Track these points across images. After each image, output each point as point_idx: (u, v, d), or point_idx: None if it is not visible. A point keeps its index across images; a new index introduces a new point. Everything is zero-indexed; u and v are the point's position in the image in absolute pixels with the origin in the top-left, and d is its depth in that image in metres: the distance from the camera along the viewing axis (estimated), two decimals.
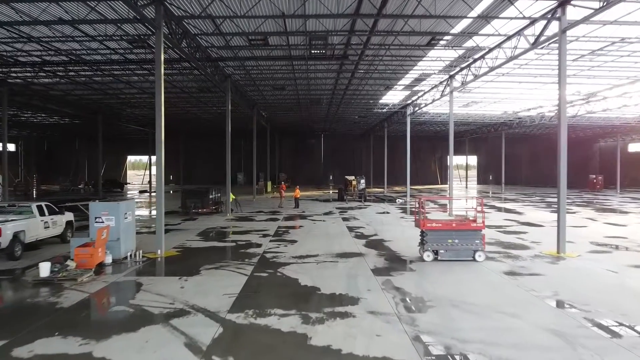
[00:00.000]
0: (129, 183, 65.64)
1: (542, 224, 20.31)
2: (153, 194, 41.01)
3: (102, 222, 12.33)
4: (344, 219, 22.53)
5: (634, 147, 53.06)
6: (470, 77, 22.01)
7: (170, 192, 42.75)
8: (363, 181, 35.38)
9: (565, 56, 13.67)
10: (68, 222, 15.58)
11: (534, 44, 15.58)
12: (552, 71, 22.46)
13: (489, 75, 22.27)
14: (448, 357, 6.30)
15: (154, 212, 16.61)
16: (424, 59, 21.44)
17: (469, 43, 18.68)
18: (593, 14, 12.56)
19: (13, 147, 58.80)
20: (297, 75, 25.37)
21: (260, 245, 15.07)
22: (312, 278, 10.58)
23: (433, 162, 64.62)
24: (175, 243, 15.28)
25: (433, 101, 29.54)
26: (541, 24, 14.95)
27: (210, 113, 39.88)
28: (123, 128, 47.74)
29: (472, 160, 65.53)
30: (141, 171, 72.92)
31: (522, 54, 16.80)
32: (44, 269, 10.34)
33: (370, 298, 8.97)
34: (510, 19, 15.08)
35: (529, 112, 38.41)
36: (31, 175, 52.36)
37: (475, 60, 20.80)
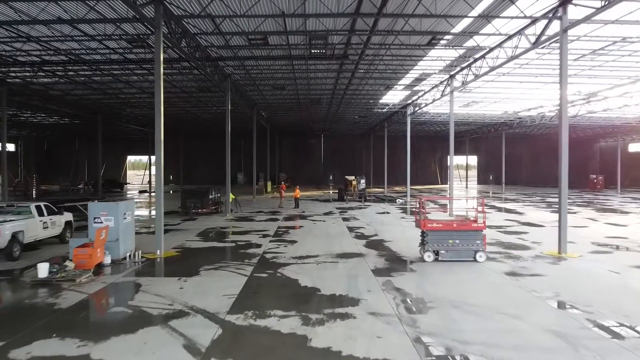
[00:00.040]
0: (129, 183, 65.59)
1: (543, 224, 20.24)
2: (153, 194, 40.94)
3: (101, 223, 12.28)
4: (344, 219, 22.47)
5: (635, 147, 53.01)
6: (470, 77, 21.94)
7: (170, 192, 42.71)
8: (363, 181, 35.27)
9: (566, 56, 13.61)
10: (67, 223, 15.51)
11: (535, 44, 15.52)
12: (553, 71, 22.43)
13: (490, 75, 22.23)
14: (449, 359, 6.25)
15: (154, 212, 16.56)
16: (425, 59, 21.38)
17: (470, 42, 18.62)
18: (594, 13, 12.50)
19: (13, 147, 58.81)
20: (297, 75, 25.31)
21: (260, 245, 15.01)
22: (312, 279, 10.53)
23: (433, 162, 64.56)
24: (174, 243, 15.23)
25: (433, 101, 29.48)
26: (542, 24, 14.89)
27: (210, 113, 39.84)
28: (123, 128, 47.70)
29: (472, 160, 65.46)
30: (141, 171, 72.90)
31: (523, 54, 16.75)
32: (43, 270, 10.28)
33: (370, 299, 8.91)
34: (511, 18, 15.02)
35: (530, 112, 38.35)
36: (31, 175, 52.36)
37: (475, 59, 20.74)
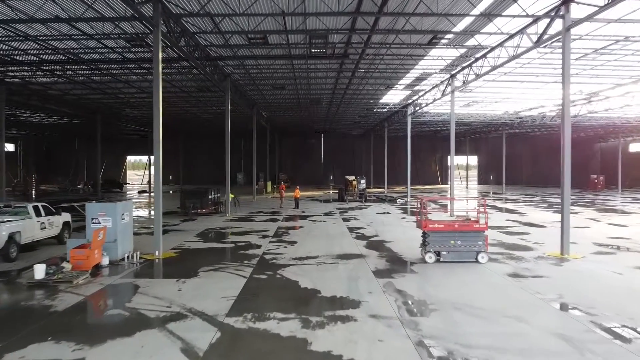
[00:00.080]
0: (129, 183, 65.43)
1: (545, 225, 20.11)
2: (152, 194, 40.79)
3: (99, 223, 12.15)
4: (345, 220, 22.34)
5: (635, 147, 52.84)
6: (471, 77, 21.79)
7: (169, 192, 42.57)
8: (363, 181, 35.12)
9: (569, 55, 13.47)
10: (65, 223, 15.38)
11: (537, 43, 15.38)
12: (555, 70, 22.28)
13: (491, 74, 22.08)
14: None
15: (153, 213, 16.45)
16: (425, 58, 21.23)
17: (471, 42, 18.47)
18: (597, 12, 12.37)
19: (12, 147, 58.70)
20: (297, 74, 25.16)
21: (259, 246, 14.88)
22: (313, 280, 10.40)
23: (433, 162, 64.43)
24: (173, 244, 15.09)
25: (434, 101, 29.33)
26: (544, 22, 14.75)
27: (209, 113, 39.70)
28: (122, 128, 47.56)
29: (473, 160, 65.30)
30: (141, 171, 72.76)
31: (525, 53, 16.59)
32: (39, 271, 10.15)
33: (371, 301, 8.78)
34: (513, 17, 14.88)
35: (530, 112, 38.18)
36: (30, 175, 52.19)
37: (477, 59, 20.59)
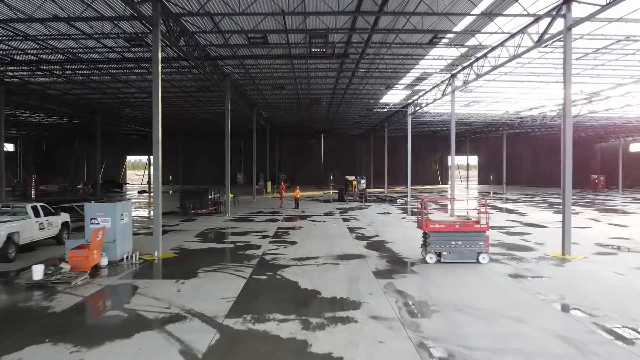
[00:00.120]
0: (129, 183, 65.39)
1: (545, 225, 20.05)
2: (152, 194, 40.74)
3: (98, 224, 12.09)
4: (345, 220, 22.27)
5: (636, 147, 52.77)
6: (472, 76, 21.72)
7: (169, 192, 42.53)
8: (363, 181, 35.03)
9: (570, 54, 13.39)
10: (64, 224, 15.31)
11: (538, 42, 15.31)
12: (556, 70, 22.22)
13: (491, 74, 22.00)
14: None
15: (152, 213, 16.41)
16: (426, 58, 21.17)
17: (472, 41, 18.41)
18: (599, 11, 12.29)
19: (12, 147, 58.64)
20: (297, 74, 25.10)
21: (259, 246, 14.81)
22: (313, 281, 10.33)
23: (434, 162, 64.37)
24: (173, 244, 15.03)
25: (434, 100, 29.26)
26: (545, 22, 14.68)
27: (209, 113, 39.64)
28: (122, 128, 47.50)
29: (473, 160, 65.23)
30: (141, 171, 72.70)
31: (526, 53, 16.52)
32: (37, 272, 10.08)
33: (372, 302, 8.71)
34: (514, 17, 14.82)
35: (531, 112, 38.10)
36: (30, 175, 52.13)
37: (477, 59, 20.52)
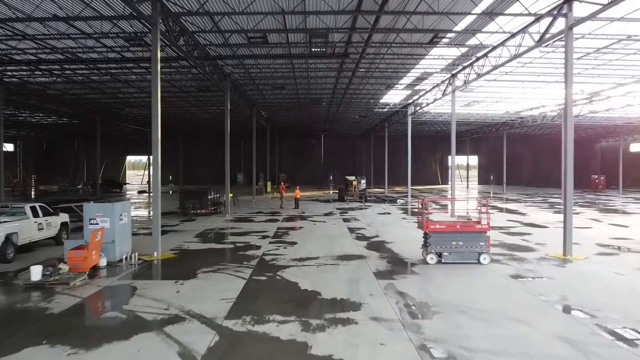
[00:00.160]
0: (128, 183, 65.33)
1: (546, 225, 19.98)
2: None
3: (97, 224, 12.02)
4: (345, 220, 22.20)
5: (636, 147, 52.70)
6: (472, 76, 21.65)
7: (169, 192, 42.46)
8: (364, 181, 34.94)
9: (571, 54, 13.33)
10: (63, 224, 15.24)
11: (539, 42, 15.23)
12: (556, 70, 22.15)
13: (492, 74, 21.91)
14: None
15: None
16: (426, 57, 21.10)
17: (472, 41, 18.33)
18: (600, 10, 12.22)
19: (11, 147, 58.58)
20: (297, 74, 25.03)
21: (259, 247, 14.74)
22: (313, 282, 10.26)
23: (434, 162, 64.31)
24: (172, 245, 14.96)
25: (435, 100, 29.19)
26: (547, 21, 14.61)
27: (209, 113, 39.57)
28: (122, 128, 47.45)
29: (473, 160, 65.12)
30: (141, 171, 72.61)
31: (527, 52, 16.46)
32: (36, 273, 10.01)
33: (372, 303, 8.65)
34: (515, 16, 14.74)
35: (531, 112, 38.03)
36: (29, 175, 52.07)
37: (478, 58, 20.44)
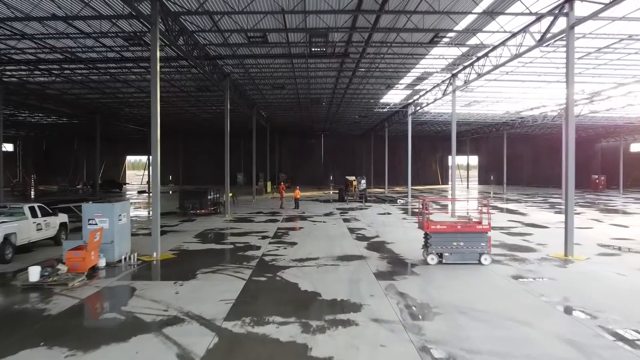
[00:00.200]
0: (128, 183, 65.25)
1: (547, 226, 19.91)
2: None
3: (96, 224, 11.96)
4: (345, 220, 22.13)
5: (636, 147, 52.64)
6: (473, 76, 21.58)
7: (169, 193, 42.39)
8: (364, 181, 34.87)
9: (573, 53, 13.27)
10: (62, 224, 15.15)
11: (540, 41, 15.17)
12: (557, 70, 22.08)
13: (492, 74, 21.83)
14: None
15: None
16: (427, 57, 21.03)
17: (473, 40, 18.27)
18: (602, 9, 12.16)
19: (11, 147, 58.53)
20: (297, 74, 24.96)
21: (259, 247, 14.68)
22: (313, 282, 10.19)
23: (434, 162, 64.24)
24: (171, 245, 14.89)
25: (435, 100, 29.13)
26: (548, 20, 14.54)
27: (209, 113, 39.51)
28: (122, 128, 47.38)
29: (473, 160, 65.05)
30: (141, 171, 72.53)
31: (527, 52, 16.40)
32: (34, 273, 9.93)
33: (373, 304, 8.58)
34: (516, 15, 14.66)
35: (532, 112, 37.97)
36: (29, 175, 51.99)
37: (478, 58, 20.37)
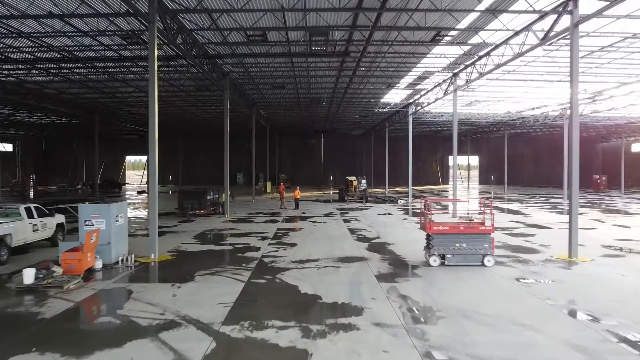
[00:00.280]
0: (128, 183, 65.05)
1: (549, 226, 19.71)
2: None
3: (92, 225, 11.76)
4: (345, 221, 21.93)
5: (638, 147, 52.42)
6: (475, 75, 21.37)
7: (169, 193, 42.18)
8: (364, 182, 34.64)
9: (577, 52, 13.08)
10: (59, 225, 14.97)
11: (544, 40, 14.95)
12: (560, 69, 21.88)
13: (494, 73, 21.58)
14: None
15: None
16: (428, 56, 20.81)
17: (475, 39, 18.05)
18: (607, 7, 11.98)
19: (10, 147, 58.31)
20: (297, 73, 24.75)
21: (258, 248, 14.48)
22: (313, 285, 10.00)
23: (434, 162, 64.02)
24: (170, 246, 14.70)
25: (436, 100, 28.92)
26: (551, 18, 14.33)
27: (208, 112, 39.30)
28: (121, 128, 47.17)
29: (474, 160, 64.85)
30: (140, 171, 72.31)
31: (530, 51, 16.20)
32: (28, 276, 9.74)
33: (375, 307, 8.38)
34: (519, 13, 14.45)
35: (533, 112, 37.76)
36: (28, 175, 51.78)
37: (480, 57, 20.15)
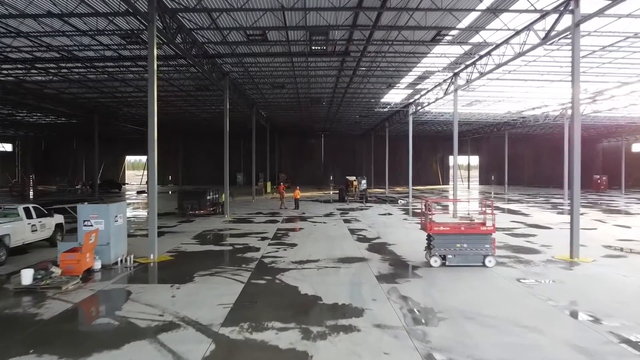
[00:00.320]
0: (128, 183, 64.98)
1: (550, 226, 19.64)
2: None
3: (91, 226, 11.69)
4: (345, 221, 21.86)
5: (638, 147, 52.34)
6: (475, 75, 21.30)
7: (168, 193, 42.11)
8: (364, 182, 34.56)
9: (578, 52, 13.01)
10: (58, 225, 14.91)
11: (545, 39, 14.87)
12: (560, 69, 21.81)
13: (495, 72, 21.48)
14: None
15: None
16: (428, 56, 20.73)
17: (476, 39, 17.98)
18: (608, 6, 11.93)
19: (10, 147, 58.24)
20: (297, 72, 24.68)
21: (258, 249, 14.41)
22: (313, 285, 9.93)
23: (434, 162, 63.95)
24: (169, 247, 14.63)
25: (436, 100, 28.85)
26: (553, 18, 14.25)
27: (208, 112, 39.24)
28: (121, 128, 47.08)
29: (474, 160, 64.78)
30: (140, 171, 72.23)
31: (531, 50, 16.10)
32: (26, 277, 9.67)
33: (375, 309, 8.32)
34: (520, 12, 14.39)
35: (534, 112, 37.68)
36: (28, 175, 51.69)
37: (481, 57, 20.08)
